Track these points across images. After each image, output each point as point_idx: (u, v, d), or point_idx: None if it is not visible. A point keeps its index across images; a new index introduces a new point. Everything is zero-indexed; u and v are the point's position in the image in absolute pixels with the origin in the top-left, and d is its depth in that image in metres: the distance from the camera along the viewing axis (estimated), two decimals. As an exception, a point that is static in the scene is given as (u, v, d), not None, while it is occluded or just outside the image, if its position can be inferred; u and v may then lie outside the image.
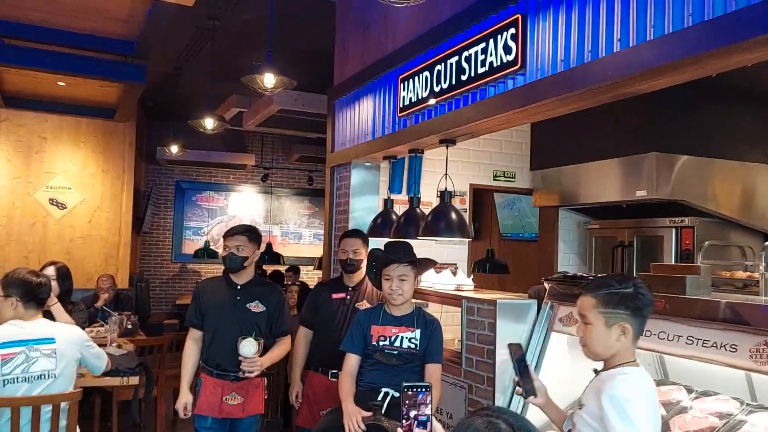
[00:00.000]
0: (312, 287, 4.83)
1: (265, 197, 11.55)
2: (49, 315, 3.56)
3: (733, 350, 2.34)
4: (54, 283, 4.34)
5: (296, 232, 11.72)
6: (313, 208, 11.82)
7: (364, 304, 3.70)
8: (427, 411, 1.74)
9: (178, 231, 11.03)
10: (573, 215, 5.94)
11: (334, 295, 3.68)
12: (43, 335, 3.08)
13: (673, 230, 5.00)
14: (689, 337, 2.53)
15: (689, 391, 2.86)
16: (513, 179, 5.78)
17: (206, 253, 10.90)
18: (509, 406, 3.22)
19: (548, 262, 5.89)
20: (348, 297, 3.71)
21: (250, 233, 3.41)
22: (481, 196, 6.03)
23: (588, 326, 2.07)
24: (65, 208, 8.25)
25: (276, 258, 8.88)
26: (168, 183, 11.03)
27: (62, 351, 3.10)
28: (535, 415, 2.59)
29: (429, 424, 1.75)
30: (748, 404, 2.61)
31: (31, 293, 3.11)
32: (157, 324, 9.10)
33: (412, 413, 1.73)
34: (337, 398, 3.53)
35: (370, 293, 3.77)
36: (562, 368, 3.23)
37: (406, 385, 1.77)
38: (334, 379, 3.57)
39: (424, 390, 1.76)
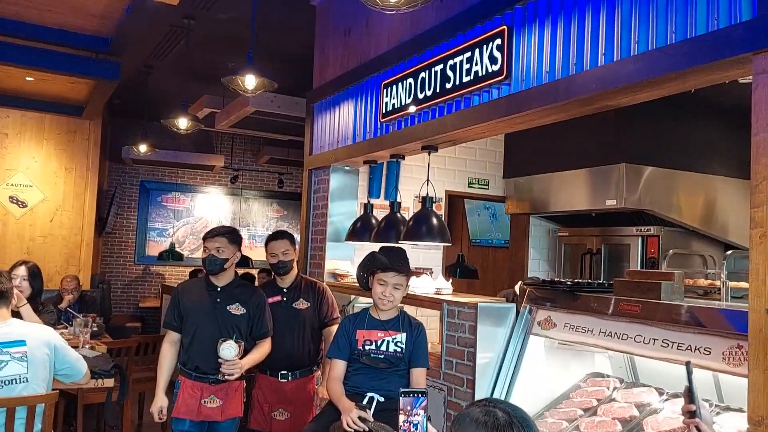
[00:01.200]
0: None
1: (233, 199, 11.44)
2: (17, 317, 3.46)
3: (707, 353, 2.46)
4: (26, 283, 4.24)
5: (264, 235, 11.57)
6: (282, 211, 11.76)
7: (301, 303, 3.74)
8: (421, 415, 1.79)
9: (142, 232, 10.83)
10: (543, 223, 6.09)
11: (270, 300, 3.65)
12: (14, 337, 2.95)
13: (639, 239, 5.17)
14: (665, 341, 2.64)
15: (660, 392, 2.97)
16: (486, 187, 5.89)
17: (171, 256, 10.74)
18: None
19: (519, 268, 6.02)
20: (284, 299, 3.72)
21: (231, 235, 3.40)
22: (451, 202, 6.13)
23: None
24: (26, 206, 8.04)
25: (245, 261, 8.81)
26: (132, 183, 10.83)
27: (33, 354, 2.98)
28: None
29: (423, 428, 1.80)
30: (716, 405, 2.74)
31: None
32: (120, 327, 8.92)
33: (410, 418, 1.78)
34: (288, 399, 3.60)
35: (306, 291, 3.81)
36: (540, 371, 3.33)
37: (403, 391, 1.82)
38: (283, 380, 3.62)
39: (420, 396, 1.81)
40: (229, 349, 3.14)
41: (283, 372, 3.60)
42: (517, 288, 3.66)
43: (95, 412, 5.54)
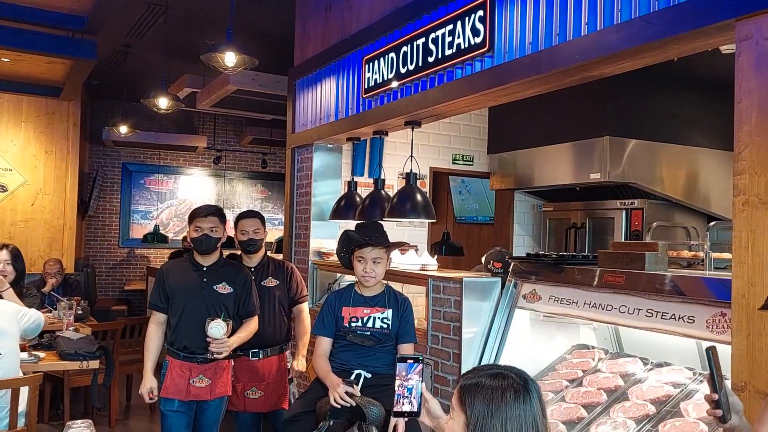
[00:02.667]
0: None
1: (217, 180, 11.35)
2: None
3: (691, 321, 2.48)
4: (9, 267, 4.18)
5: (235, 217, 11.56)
6: (267, 191, 11.68)
7: (270, 281, 3.75)
8: (415, 380, 1.80)
9: (126, 215, 10.73)
10: (528, 198, 6.10)
11: None
12: None
13: (623, 212, 5.20)
14: (649, 310, 2.66)
15: (645, 362, 3.01)
16: (471, 163, 5.88)
17: (156, 238, 10.68)
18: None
19: (504, 243, 6.03)
20: (252, 278, 3.71)
21: (221, 214, 3.39)
22: (436, 179, 6.11)
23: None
24: (6, 190, 7.90)
25: (230, 242, 8.75)
26: (114, 165, 10.69)
27: (3, 328, 3.02)
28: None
29: (417, 392, 1.82)
30: (700, 373, 2.77)
31: None
32: (105, 310, 8.87)
33: (404, 383, 1.79)
34: (260, 377, 3.61)
35: (273, 270, 3.81)
36: (526, 343, 3.35)
37: (399, 357, 1.84)
38: (254, 359, 3.63)
39: (415, 362, 1.83)
40: (217, 328, 3.13)
41: (254, 350, 3.61)
42: (483, 259, 3.69)
43: (82, 395, 5.53)
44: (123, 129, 8.20)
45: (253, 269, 3.73)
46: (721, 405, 1.58)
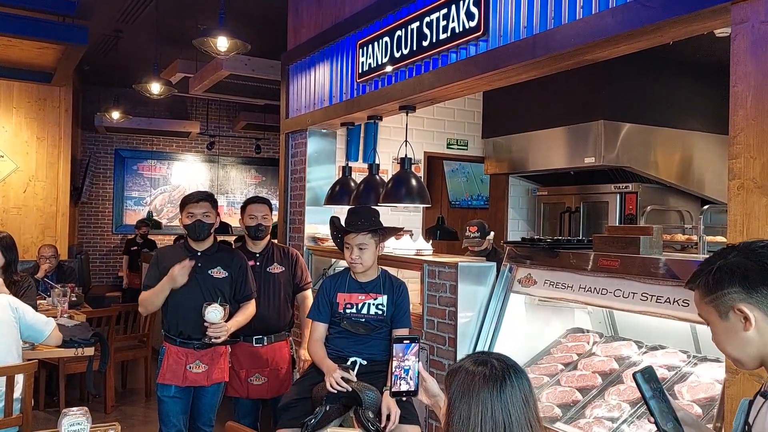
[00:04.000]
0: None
1: (210, 166, 11.30)
2: None
3: (686, 305, 2.49)
4: None
5: (243, 202, 11.54)
6: (260, 177, 11.65)
7: (275, 267, 3.74)
8: (412, 360, 1.82)
9: (119, 201, 10.69)
10: (522, 182, 6.11)
11: None
12: None
13: (618, 196, 5.21)
14: (644, 294, 2.67)
15: (639, 345, 3.03)
16: (465, 147, 5.87)
17: (149, 224, 10.64)
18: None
19: (498, 228, 6.04)
20: (257, 264, 3.70)
21: (213, 199, 3.37)
22: (430, 164, 6.11)
23: (711, 329, 1.44)
24: (-3, 177, 7.85)
25: (224, 228, 8.75)
26: (107, 151, 10.63)
27: None
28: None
29: (414, 372, 1.84)
30: (694, 356, 2.79)
31: None
32: (99, 297, 8.87)
33: (401, 364, 1.81)
34: (263, 363, 3.59)
35: (278, 255, 3.80)
36: (521, 327, 3.37)
37: (395, 338, 1.86)
38: (258, 345, 3.61)
39: (411, 342, 1.84)
40: (214, 313, 3.13)
41: (258, 337, 3.60)
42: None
43: (77, 382, 5.54)
44: (115, 115, 8.14)
45: (258, 255, 3.72)
46: (659, 428, 1.55)
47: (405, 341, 1.85)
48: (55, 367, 4.92)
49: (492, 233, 4.84)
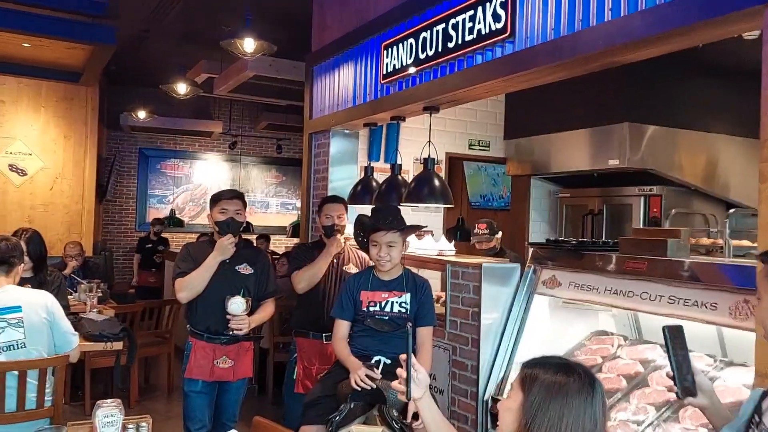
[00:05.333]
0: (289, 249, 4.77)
1: (232, 165, 11.40)
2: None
3: (714, 308, 2.48)
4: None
5: (263, 201, 11.63)
6: (281, 176, 11.73)
7: (351, 267, 3.74)
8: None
9: (142, 199, 10.83)
10: (544, 184, 6.08)
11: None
12: (9, 303, 2.93)
13: (642, 198, 5.18)
14: (671, 297, 2.66)
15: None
16: (487, 148, 5.87)
17: (172, 222, 10.77)
18: (492, 367, 3.33)
19: (520, 229, 6.03)
20: (335, 261, 3.73)
21: (244, 198, 3.40)
22: (451, 164, 6.11)
23: (761, 303, 1.58)
24: (25, 174, 8.00)
25: (246, 226, 8.81)
26: (131, 150, 10.78)
27: (30, 319, 2.97)
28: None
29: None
30: (721, 360, 2.77)
31: None
32: (122, 293, 8.97)
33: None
34: (332, 360, 3.60)
35: (354, 258, 3.81)
36: (544, 329, 3.36)
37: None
38: (328, 342, 3.60)
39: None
40: (237, 304, 3.16)
41: (327, 334, 3.58)
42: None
43: (102, 376, 5.63)
44: (141, 114, 8.26)
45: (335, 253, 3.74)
46: (677, 382, 1.71)
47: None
48: (80, 361, 5.00)
49: (500, 233, 4.85)
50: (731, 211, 4.70)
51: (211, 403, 3.32)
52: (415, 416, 2.68)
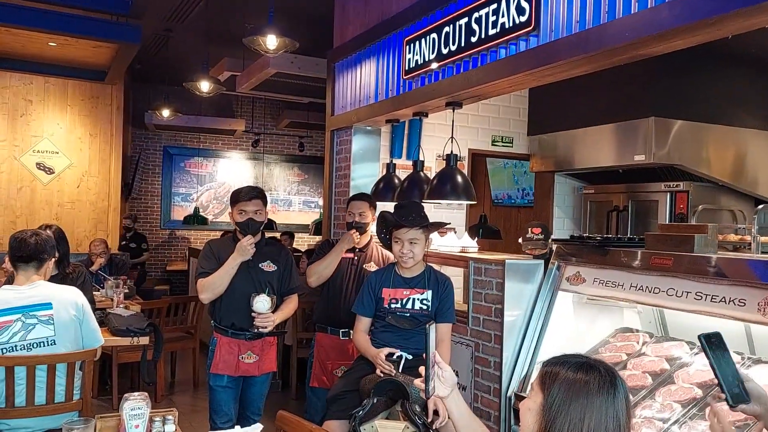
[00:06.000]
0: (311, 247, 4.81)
1: (255, 164, 11.49)
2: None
3: (742, 304, 2.43)
4: None
5: (286, 199, 11.70)
6: (303, 174, 11.78)
7: (371, 266, 3.74)
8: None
9: (167, 197, 10.96)
10: (568, 180, 6.02)
11: (343, 254, 3.70)
12: (40, 300, 2.95)
13: (668, 194, 5.09)
14: (698, 293, 2.61)
15: (690, 346, 2.96)
16: (510, 144, 5.83)
17: (196, 220, 10.89)
18: (516, 363, 3.31)
19: (543, 226, 5.97)
20: (356, 258, 3.74)
21: (264, 196, 3.41)
22: (474, 161, 6.08)
23: None
24: (53, 172, 8.14)
25: (269, 224, 8.89)
26: (155, 148, 10.91)
27: (60, 316, 2.99)
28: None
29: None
30: (749, 357, 2.72)
31: (15, 252, 2.97)
32: (148, 290, 9.11)
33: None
34: (349, 356, 3.61)
35: (377, 256, 3.81)
36: (568, 326, 3.33)
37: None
38: (345, 338, 3.63)
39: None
40: (262, 303, 3.19)
41: (344, 330, 3.63)
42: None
43: (129, 371, 5.71)
44: (165, 113, 8.34)
45: (358, 250, 3.77)
46: (724, 390, 1.61)
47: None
48: (107, 356, 5.09)
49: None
50: (760, 207, 4.61)
51: (236, 398, 3.36)
52: (436, 413, 2.69)
